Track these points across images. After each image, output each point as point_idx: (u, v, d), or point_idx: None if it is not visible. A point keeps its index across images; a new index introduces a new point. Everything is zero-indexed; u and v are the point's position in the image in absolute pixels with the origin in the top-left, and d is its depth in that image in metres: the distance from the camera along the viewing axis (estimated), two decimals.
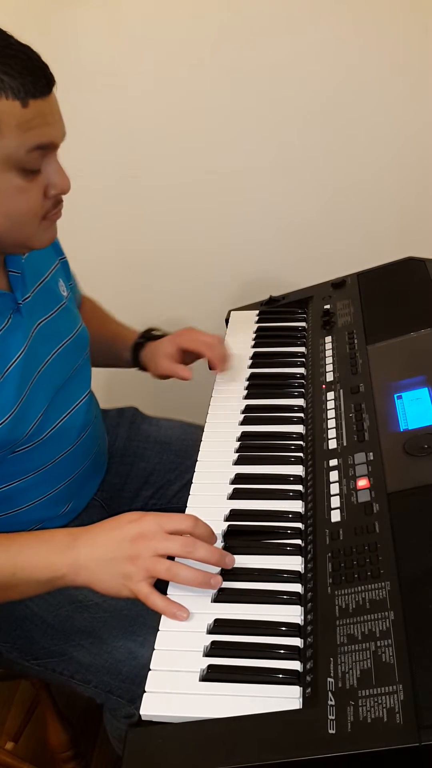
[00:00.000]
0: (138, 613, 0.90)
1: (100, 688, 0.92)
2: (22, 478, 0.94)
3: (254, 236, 1.62)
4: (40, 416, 0.92)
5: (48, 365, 0.94)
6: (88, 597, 0.94)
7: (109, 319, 1.25)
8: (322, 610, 0.70)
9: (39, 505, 0.98)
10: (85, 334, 1.05)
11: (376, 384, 0.98)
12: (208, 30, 1.41)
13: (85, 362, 1.05)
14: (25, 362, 0.89)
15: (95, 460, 1.08)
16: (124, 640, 0.90)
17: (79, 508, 1.07)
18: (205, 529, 0.78)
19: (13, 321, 0.88)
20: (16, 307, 0.89)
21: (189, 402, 1.47)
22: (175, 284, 1.67)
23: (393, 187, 1.54)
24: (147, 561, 0.74)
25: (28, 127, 0.75)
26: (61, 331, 0.99)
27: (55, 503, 1.00)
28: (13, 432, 0.88)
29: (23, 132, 0.75)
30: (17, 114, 0.74)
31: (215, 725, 0.62)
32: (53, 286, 1.00)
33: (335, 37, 1.40)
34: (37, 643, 0.96)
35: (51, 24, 1.38)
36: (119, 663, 0.90)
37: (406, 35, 1.39)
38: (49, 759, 1.24)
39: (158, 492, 1.20)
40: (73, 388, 1.01)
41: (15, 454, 0.91)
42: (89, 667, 0.92)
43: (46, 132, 0.77)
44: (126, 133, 1.51)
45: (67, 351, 0.99)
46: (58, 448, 0.98)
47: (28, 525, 0.99)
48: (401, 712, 0.58)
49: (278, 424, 1.02)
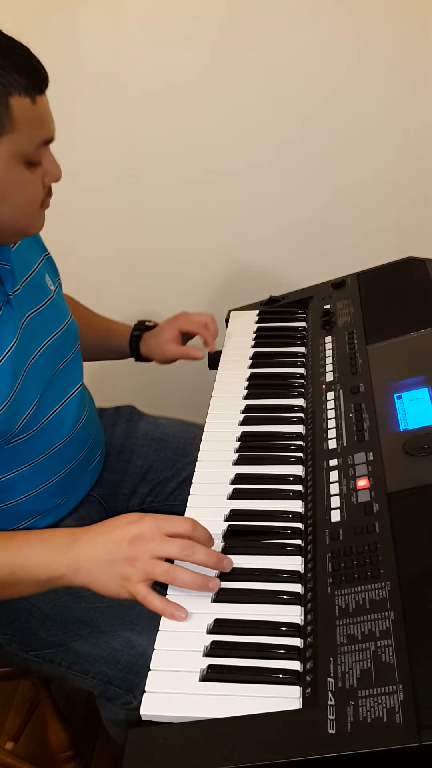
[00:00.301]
0: (135, 602, 0.90)
1: (98, 679, 0.92)
2: (17, 470, 0.95)
3: (254, 236, 1.62)
4: (33, 407, 0.93)
5: (38, 357, 0.96)
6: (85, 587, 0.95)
7: (95, 314, 1.29)
8: (322, 610, 0.70)
9: (34, 497, 0.99)
10: (74, 327, 1.06)
11: (376, 384, 0.98)
12: (208, 30, 1.41)
13: (76, 355, 1.06)
14: (16, 354, 0.90)
15: (90, 453, 1.09)
16: (121, 629, 0.91)
17: (75, 502, 1.08)
18: (204, 532, 0.78)
19: (4, 313, 0.90)
20: (6, 299, 0.90)
21: (188, 401, 1.48)
22: (175, 284, 1.67)
23: (393, 187, 1.54)
24: (145, 563, 0.75)
25: (37, 123, 0.79)
26: (50, 324, 1.00)
27: (49, 495, 1.01)
28: (8, 422, 0.89)
29: (32, 128, 0.79)
30: (28, 110, 0.77)
31: (215, 725, 0.62)
32: (40, 280, 1.01)
33: (335, 37, 1.40)
34: (35, 634, 0.97)
35: (51, 24, 1.38)
36: (117, 652, 0.91)
37: (406, 35, 1.39)
38: (49, 759, 1.24)
39: (155, 489, 1.21)
40: (64, 380, 1.02)
41: (9, 445, 0.92)
42: (87, 657, 0.93)
43: (48, 126, 0.82)
44: (126, 133, 1.51)
45: (57, 343, 1.00)
46: (52, 439, 0.99)
47: (24, 517, 1.00)
48: (401, 712, 0.58)
49: (278, 424, 1.02)
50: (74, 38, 1.41)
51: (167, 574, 0.75)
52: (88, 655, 0.93)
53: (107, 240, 1.63)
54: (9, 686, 1.57)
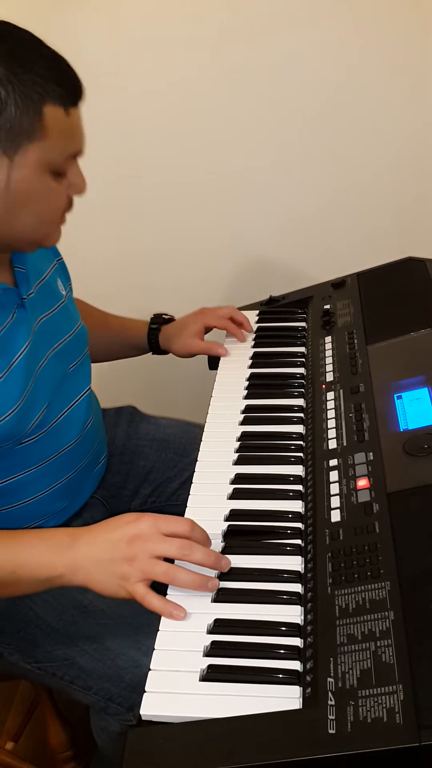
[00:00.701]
0: (143, 622, 0.90)
1: (100, 695, 0.92)
2: (25, 471, 0.95)
3: (254, 236, 1.62)
4: (43, 410, 0.93)
5: (48, 360, 0.96)
6: (93, 603, 0.95)
7: (107, 313, 1.29)
8: (322, 610, 0.70)
9: (40, 500, 0.99)
10: (84, 332, 1.07)
11: (376, 384, 0.98)
12: (208, 30, 1.41)
13: (85, 359, 1.07)
14: (28, 357, 0.90)
15: (95, 456, 1.09)
16: (128, 648, 0.91)
17: (78, 505, 1.08)
18: (202, 532, 0.78)
19: (18, 316, 0.90)
20: (20, 302, 0.91)
21: (189, 401, 1.47)
22: (176, 284, 1.67)
23: (393, 187, 1.54)
24: (144, 563, 0.75)
25: (68, 134, 0.81)
26: (61, 328, 1.01)
27: (55, 499, 1.01)
28: (19, 424, 0.89)
29: (64, 139, 0.80)
30: (61, 120, 0.78)
31: (215, 725, 0.62)
32: (53, 284, 1.02)
33: (335, 37, 1.40)
34: (40, 646, 0.96)
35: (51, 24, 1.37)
36: (122, 671, 0.90)
37: (406, 35, 1.39)
38: (49, 759, 1.24)
39: (157, 490, 1.21)
40: (73, 384, 1.02)
41: (19, 446, 0.93)
42: (91, 673, 0.93)
43: (79, 140, 0.83)
44: (126, 133, 1.51)
45: (67, 347, 1.00)
46: (60, 441, 0.99)
47: (30, 520, 1.00)
48: (401, 712, 0.58)
49: (278, 424, 1.02)
50: (74, 38, 1.40)
51: (166, 574, 0.75)
52: (92, 672, 0.92)
53: (107, 240, 1.63)
54: (9, 686, 1.57)
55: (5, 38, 0.76)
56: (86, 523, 1.07)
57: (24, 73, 0.75)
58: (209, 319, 1.25)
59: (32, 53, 0.77)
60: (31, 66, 0.75)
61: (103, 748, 1.00)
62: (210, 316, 1.25)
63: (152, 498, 1.21)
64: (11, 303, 0.90)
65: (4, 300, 0.89)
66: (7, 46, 0.75)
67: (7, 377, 0.87)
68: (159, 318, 1.28)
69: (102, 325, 1.23)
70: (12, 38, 0.77)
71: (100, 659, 0.92)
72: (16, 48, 0.76)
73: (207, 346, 1.23)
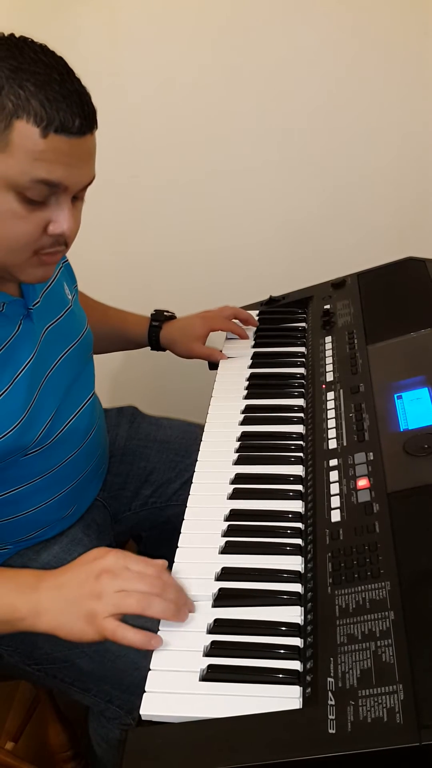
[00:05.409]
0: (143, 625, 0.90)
1: (99, 697, 0.92)
2: (29, 483, 0.94)
3: (254, 236, 1.62)
4: (49, 421, 0.92)
5: (55, 369, 0.95)
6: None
7: (107, 307, 1.28)
8: (322, 610, 0.70)
9: (44, 509, 0.98)
10: (90, 336, 1.05)
11: (376, 384, 0.98)
12: (208, 30, 1.41)
13: (89, 364, 1.06)
14: (33, 368, 0.89)
15: (99, 462, 1.08)
16: (128, 651, 0.89)
17: (82, 510, 1.07)
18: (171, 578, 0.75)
19: (24, 327, 0.88)
20: (26, 312, 0.89)
21: (189, 402, 1.47)
22: (175, 284, 1.67)
23: (392, 186, 1.54)
24: (112, 597, 0.71)
25: (39, 158, 0.72)
26: (67, 335, 0.99)
27: (59, 507, 1.00)
28: (23, 437, 0.88)
29: (32, 161, 0.72)
30: (32, 141, 0.71)
31: (215, 725, 0.62)
32: (59, 289, 1.00)
33: (335, 37, 1.40)
34: (40, 648, 0.95)
35: (51, 24, 1.38)
36: (122, 673, 0.90)
37: (406, 35, 1.39)
38: (49, 759, 1.24)
39: (158, 490, 1.20)
40: (78, 391, 1.01)
41: (24, 458, 0.91)
42: (91, 676, 0.92)
43: (57, 171, 0.73)
44: (126, 133, 1.50)
45: (73, 354, 0.99)
46: (65, 451, 0.98)
47: (33, 528, 0.99)
48: (401, 711, 0.58)
49: (278, 424, 1.02)
50: (74, 39, 1.41)
51: (139, 603, 0.70)
52: (92, 674, 0.92)
53: (107, 240, 1.63)
54: (9, 686, 1.56)
55: (20, 49, 0.72)
56: (88, 526, 1.06)
57: (10, 81, 0.70)
58: (216, 323, 1.25)
59: (35, 69, 0.71)
60: (24, 80, 0.70)
61: (101, 757, 0.99)
62: (216, 320, 1.25)
63: (153, 499, 1.21)
64: (17, 314, 0.88)
65: (9, 312, 0.86)
66: (11, 54, 0.71)
67: (9, 392, 0.86)
68: (160, 315, 1.27)
69: (102, 318, 1.21)
70: (25, 52, 0.72)
71: (99, 661, 0.91)
72: (21, 59, 0.71)
73: (209, 352, 1.22)
